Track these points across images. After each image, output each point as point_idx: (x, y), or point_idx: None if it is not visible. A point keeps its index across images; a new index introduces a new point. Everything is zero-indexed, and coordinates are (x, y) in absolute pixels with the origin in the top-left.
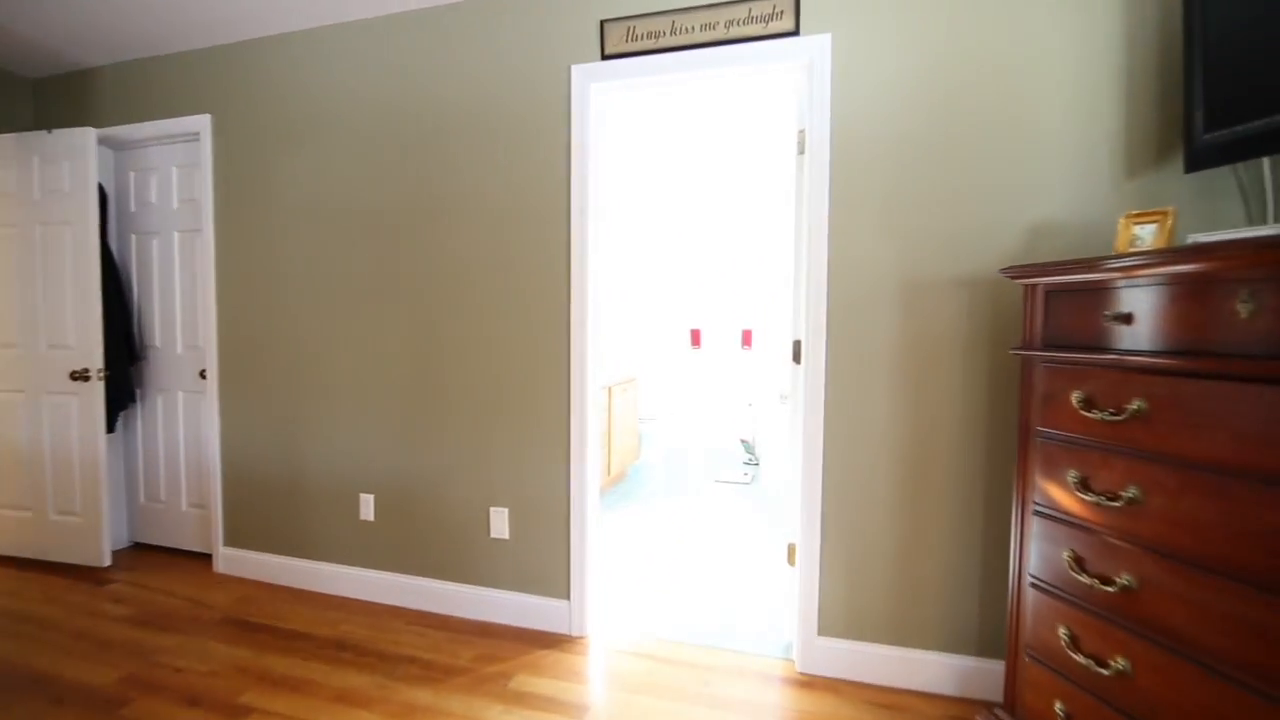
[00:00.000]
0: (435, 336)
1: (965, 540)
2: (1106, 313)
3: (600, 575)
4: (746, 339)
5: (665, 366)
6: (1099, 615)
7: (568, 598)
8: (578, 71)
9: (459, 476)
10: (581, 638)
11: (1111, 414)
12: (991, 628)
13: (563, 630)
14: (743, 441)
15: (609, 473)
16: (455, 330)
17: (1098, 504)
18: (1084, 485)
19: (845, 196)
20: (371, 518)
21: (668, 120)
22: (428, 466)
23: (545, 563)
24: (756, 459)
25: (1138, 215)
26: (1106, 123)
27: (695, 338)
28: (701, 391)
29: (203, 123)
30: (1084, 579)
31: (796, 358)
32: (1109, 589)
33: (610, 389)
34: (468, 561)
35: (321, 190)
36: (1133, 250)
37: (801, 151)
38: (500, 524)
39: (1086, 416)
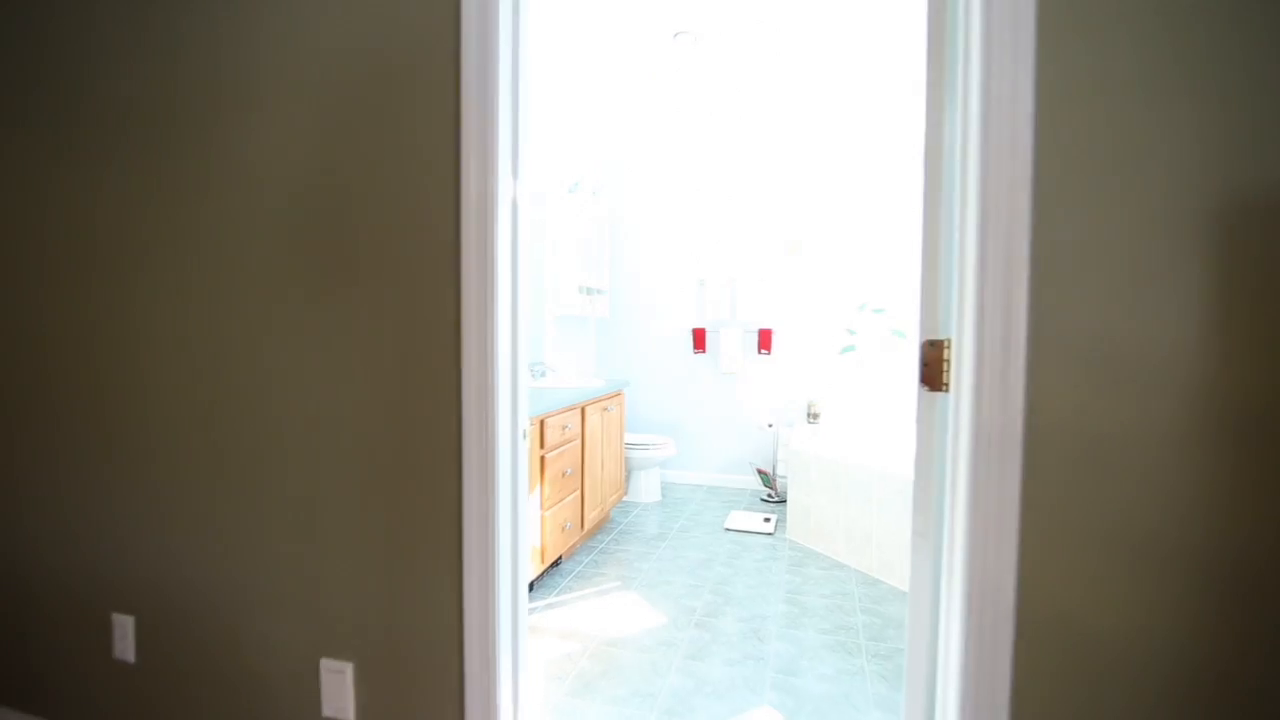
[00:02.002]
0: (230, 336)
1: None
2: None
3: None
4: (765, 341)
5: (660, 377)
6: None
7: None
8: None
9: (266, 593)
10: None
11: None
12: None
13: None
14: (760, 473)
15: (582, 526)
16: (262, 323)
17: None
18: None
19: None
20: (131, 657)
21: None
22: (217, 570)
23: None
24: (779, 495)
25: None
26: None
27: (699, 339)
28: (707, 408)
29: None
30: None
31: (932, 379)
32: None
33: (583, 409)
34: None
35: (46, 74)
36: None
37: None
38: (339, 693)
39: None
